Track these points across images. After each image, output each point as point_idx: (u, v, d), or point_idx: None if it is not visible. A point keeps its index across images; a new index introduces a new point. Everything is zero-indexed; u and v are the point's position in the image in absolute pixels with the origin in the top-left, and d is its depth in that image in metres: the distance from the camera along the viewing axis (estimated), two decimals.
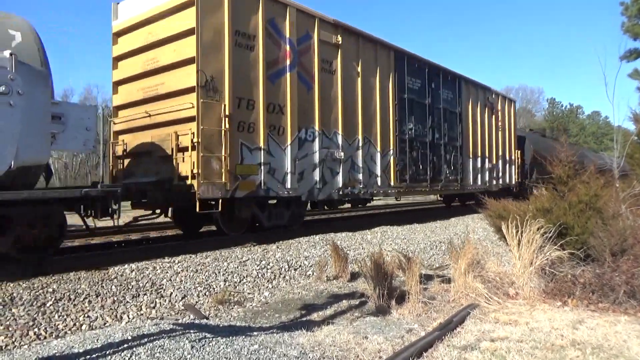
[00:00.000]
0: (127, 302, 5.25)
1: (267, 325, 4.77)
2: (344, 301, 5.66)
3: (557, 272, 5.39)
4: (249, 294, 6.07)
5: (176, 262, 6.64)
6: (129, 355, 3.21)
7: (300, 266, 7.23)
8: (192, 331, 3.79)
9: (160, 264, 6.48)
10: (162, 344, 3.42)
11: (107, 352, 3.25)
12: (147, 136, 8.87)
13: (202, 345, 3.47)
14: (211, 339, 3.63)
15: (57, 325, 4.53)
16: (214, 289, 5.96)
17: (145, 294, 5.48)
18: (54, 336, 4.32)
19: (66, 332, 4.43)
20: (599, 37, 77.76)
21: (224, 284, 6.14)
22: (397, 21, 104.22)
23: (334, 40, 10.52)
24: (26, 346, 4.03)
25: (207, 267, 6.55)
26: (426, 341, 3.76)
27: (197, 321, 4.74)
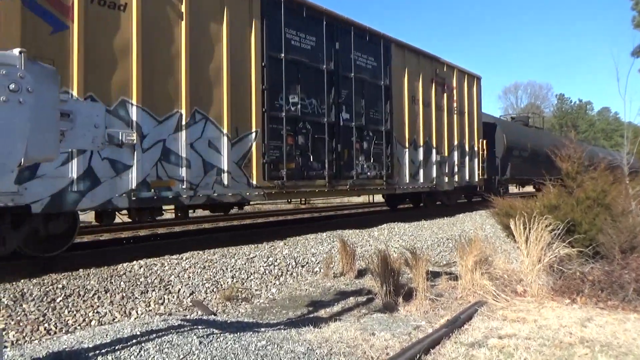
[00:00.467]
0: (136, 298, 5.29)
1: (275, 321, 4.78)
2: (351, 298, 5.67)
3: (566, 269, 5.36)
4: (256, 290, 6.10)
5: (184, 258, 6.68)
6: (138, 350, 3.24)
7: (307, 263, 7.24)
8: (200, 327, 3.82)
9: (168, 260, 6.53)
10: (171, 339, 3.45)
11: (116, 348, 3.28)
12: None
13: (210, 341, 3.49)
14: (219, 334, 3.64)
15: (67, 320, 4.58)
16: (222, 285, 5.99)
17: (153, 290, 5.53)
18: (63, 331, 4.37)
19: (76, 328, 4.48)
20: (610, 32, 76.94)
21: (232, 281, 6.17)
22: (403, 17, 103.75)
23: None
24: (37, 341, 4.08)
25: (215, 264, 6.59)
26: (433, 338, 3.75)
27: (204, 317, 4.77)
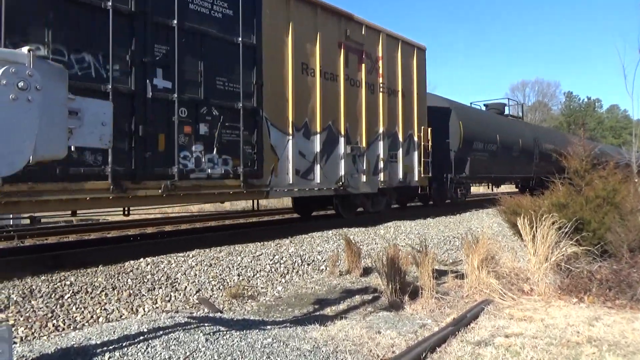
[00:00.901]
0: (143, 295, 5.32)
1: (281, 319, 4.80)
2: (356, 296, 5.67)
3: (573, 268, 5.33)
4: (262, 288, 6.11)
5: (190, 256, 6.71)
6: (145, 347, 3.26)
7: (313, 261, 7.25)
8: (206, 324, 3.83)
9: (175, 257, 6.56)
10: (177, 336, 3.46)
11: (124, 344, 3.30)
12: None
13: (217, 338, 3.51)
14: (225, 332, 3.66)
15: (75, 317, 4.62)
16: (228, 283, 6.01)
17: (160, 288, 5.55)
18: (71, 328, 4.40)
19: (84, 324, 4.52)
20: (618, 29, 76.20)
21: (238, 278, 6.19)
22: (410, 15, 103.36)
23: None
24: (45, 337, 4.12)
25: (221, 262, 6.61)
26: (440, 336, 3.75)
27: (211, 315, 4.79)
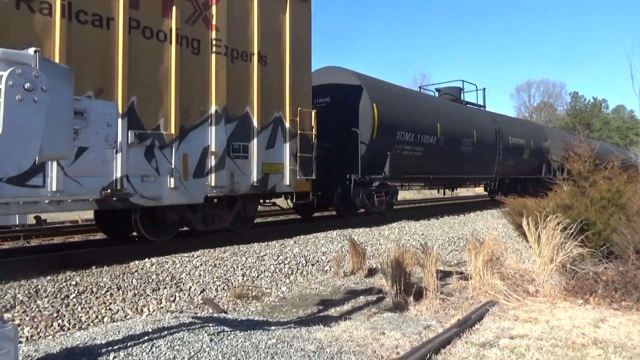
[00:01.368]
0: (148, 295, 5.34)
1: (285, 319, 4.80)
2: (361, 297, 5.66)
3: (579, 269, 5.30)
4: (266, 288, 6.12)
5: (195, 256, 6.73)
6: (150, 347, 3.27)
7: (317, 261, 7.25)
8: (210, 325, 3.84)
9: (179, 258, 6.57)
10: (182, 336, 3.47)
11: (128, 344, 3.32)
12: None
13: (221, 338, 3.51)
14: (229, 332, 3.67)
15: (80, 317, 4.64)
16: (232, 283, 6.02)
17: (165, 288, 5.57)
18: (77, 328, 4.42)
19: (89, 324, 4.54)
20: (626, 29, 75.80)
21: (242, 279, 6.19)
22: (413, 15, 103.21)
23: None
24: (50, 337, 4.14)
25: (226, 262, 6.62)
26: (444, 338, 3.74)
27: (215, 315, 4.79)
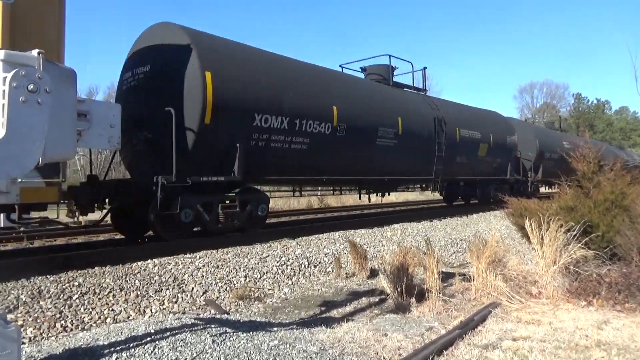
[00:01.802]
0: (150, 296, 5.35)
1: (287, 321, 4.80)
2: (363, 298, 5.66)
3: (582, 271, 5.28)
4: (269, 290, 6.12)
5: (197, 257, 6.73)
6: (152, 348, 3.27)
7: (320, 263, 7.25)
8: (213, 326, 3.84)
9: (182, 259, 6.58)
10: (184, 337, 3.48)
11: (131, 345, 3.32)
12: None
13: (223, 339, 3.51)
14: (232, 333, 3.67)
15: (83, 318, 4.65)
16: (235, 284, 6.02)
17: (167, 289, 5.58)
18: (79, 328, 4.43)
19: (91, 325, 4.55)
20: (629, 30, 75.58)
21: (245, 280, 6.20)
22: (416, 16, 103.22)
23: None
24: (53, 338, 4.15)
25: (228, 263, 6.63)
26: (447, 339, 3.73)
27: (218, 316, 4.80)
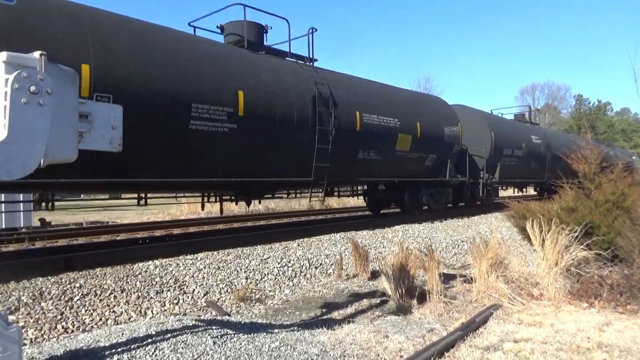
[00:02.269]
0: (151, 297, 5.35)
1: (288, 322, 4.79)
2: (364, 300, 5.65)
3: (583, 272, 5.28)
4: (270, 291, 6.11)
5: (199, 259, 6.73)
6: (153, 349, 3.27)
7: (321, 264, 7.24)
8: (214, 327, 3.84)
9: (183, 260, 6.58)
10: (185, 339, 3.47)
11: (132, 347, 3.32)
12: None
13: (224, 341, 3.51)
14: (233, 335, 3.66)
15: (84, 319, 4.65)
16: (236, 286, 6.02)
17: (168, 290, 5.58)
18: (80, 330, 4.43)
19: (92, 327, 4.54)
20: (630, 31, 75.55)
21: (246, 281, 6.19)
22: (417, 17, 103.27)
23: None
24: (54, 339, 4.15)
25: (229, 265, 6.62)
26: (448, 341, 3.72)
27: (219, 317, 4.80)
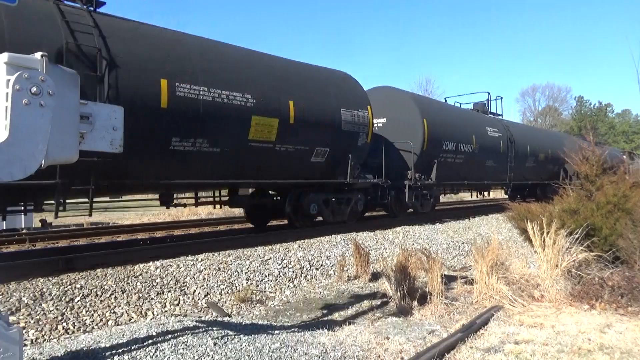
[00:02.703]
0: (152, 298, 5.35)
1: (289, 324, 4.79)
2: (365, 301, 5.65)
3: (584, 274, 5.27)
4: (270, 292, 6.11)
5: (199, 260, 6.73)
6: (154, 350, 3.27)
7: (321, 265, 7.24)
8: (214, 328, 3.84)
9: (183, 261, 6.58)
10: (186, 340, 3.47)
11: (133, 348, 3.32)
12: None
13: (225, 342, 3.51)
14: (233, 336, 3.66)
15: (85, 320, 4.65)
16: (236, 287, 6.02)
17: (169, 291, 5.58)
18: (81, 331, 4.43)
19: (93, 327, 4.54)
20: (632, 33, 75.48)
21: (246, 283, 6.19)
22: (418, 19, 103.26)
23: None
24: (55, 340, 4.14)
25: (230, 266, 6.62)
26: (449, 343, 3.72)
27: (219, 319, 4.79)
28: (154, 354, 3.22)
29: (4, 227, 11.77)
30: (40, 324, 4.41)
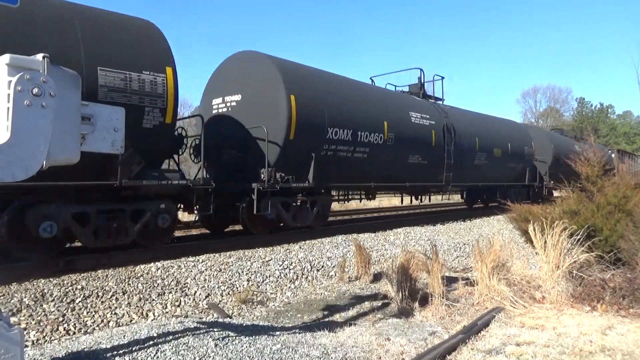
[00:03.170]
0: (153, 299, 5.35)
1: (290, 325, 4.79)
2: (366, 302, 5.64)
3: (586, 275, 5.26)
4: (271, 293, 6.11)
5: (200, 261, 6.73)
6: (155, 352, 3.27)
7: (322, 267, 7.24)
8: (215, 330, 3.84)
9: (184, 262, 6.58)
10: (187, 341, 3.47)
11: (134, 349, 3.32)
12: None
13: (226, 343, 3.51)
14: (234, 337, 3.66)
15: (86, 321, 4.65)
16: (237, 288, 6.02)
17: (170, 292, 5.58)
18: (82, 332, 4.43)
19: (94, 328, 4.55)
20: (632, 34, 75.46)
21: (247, 284, 6.19)
22: (418, 21, 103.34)
23: None
24: (56, 341, 4.15)
25: (231, 267, 6.62)
26: (450, 344, 3.72)
27: (220, 320, 4.79)
28: (155, 355, 3.22)
29: None
30: (41, 325, 4.42)
